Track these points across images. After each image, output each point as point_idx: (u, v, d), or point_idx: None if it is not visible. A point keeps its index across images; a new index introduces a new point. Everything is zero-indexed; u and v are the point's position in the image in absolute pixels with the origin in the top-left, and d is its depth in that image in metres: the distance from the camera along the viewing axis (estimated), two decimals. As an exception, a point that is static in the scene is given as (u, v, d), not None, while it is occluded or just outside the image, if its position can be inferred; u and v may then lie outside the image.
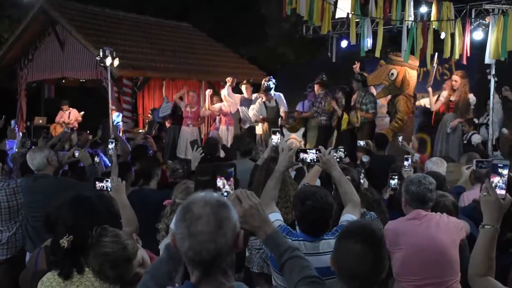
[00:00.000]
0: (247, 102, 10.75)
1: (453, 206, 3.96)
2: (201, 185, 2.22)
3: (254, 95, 10.60)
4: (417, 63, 9.60)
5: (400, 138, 7.28)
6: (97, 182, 3.85)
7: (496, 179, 2.29)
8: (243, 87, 10.90)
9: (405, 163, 5.36)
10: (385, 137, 7.45)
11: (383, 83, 9.73)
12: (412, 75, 9.53)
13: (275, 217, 3.09)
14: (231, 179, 2.32)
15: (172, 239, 1.76)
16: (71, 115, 13.80)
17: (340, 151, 4.13)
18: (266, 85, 10.13)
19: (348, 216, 3.10)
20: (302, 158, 3.40)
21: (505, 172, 2.29)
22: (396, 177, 5.01)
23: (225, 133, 10.87)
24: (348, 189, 3.25)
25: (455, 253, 3.45)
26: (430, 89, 9.83)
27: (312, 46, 14.99)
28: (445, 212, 3.71)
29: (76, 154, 5.55)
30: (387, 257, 2.18)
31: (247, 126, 10.72)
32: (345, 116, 10.05)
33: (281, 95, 10.52)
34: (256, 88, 11.07)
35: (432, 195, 3.60)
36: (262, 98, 10.27)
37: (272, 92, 10.28)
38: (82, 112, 14.07)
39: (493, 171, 2.32)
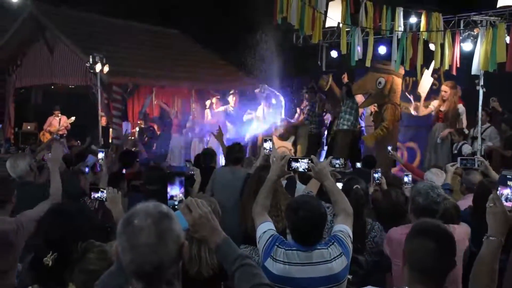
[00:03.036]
0: (231, 116, 11.03)
1: (454, 210, 3.91)
2: (150, 194, 2.17)
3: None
4: (403, 72, 9.66)
5: (389, 148, 7.33)
6: (92, 192, 3.78)
7: (505, 191, 2.28)
8: (230, 98, 11.08)
9: (406, 179, 5.35)
10: (373, 158, 7.51)
11: (370, 91, 9.77)
12: (398, 83, 9.60)
13: (268, 226, 3.09)
14: (182, 187, 2.29)
15: (115, 252, 1.75)
16: (61, 121, 13.70)
17: (341, 159, 4.15)
18: (265, 95, 10.71)
19: (341, 226, 3.10)
20: (294, 167, 3.39)
21: None
22: (379, 171, 5.08)
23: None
24: (340, 199, 3.24)
25: (459, 266, 3.35)
26: (422, 94, 9.91)
27: (301, 54, 15.01)
28: (448, 217, 3.65)
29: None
30: (455, 254, 2.26)
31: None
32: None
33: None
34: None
35: (439, 207, 3.50)
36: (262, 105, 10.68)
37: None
38: (73, 118, 13.94)
39: (501, 183, 2.30)
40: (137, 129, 13.78)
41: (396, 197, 4.37)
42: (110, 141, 12.96)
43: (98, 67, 11.01)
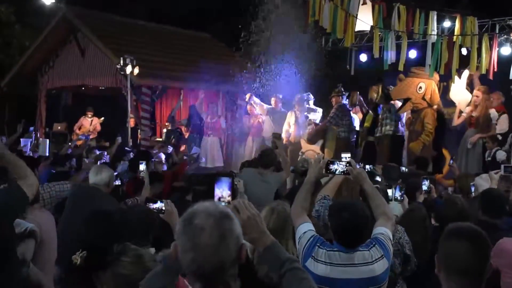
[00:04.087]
0: (272, 113, 11.26)
1: None
2: (199, 195, 2.12)
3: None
4: (438, 77, 9.56)
5: (451, 161, 7.45)
6: (148, 203, 3.68)
7: None
8: (272, 100, 11.49)
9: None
10: (426, 160, 7.76)
11: (410, 96, 9.66)
12: (436, 88, 9.52)
13: (308, 227, 3.09)
14: (229, 189, 2.24)
15: (173, 250, 1.75)
16: (92, 123, 13.87)
17: (360, 163, 4.12)
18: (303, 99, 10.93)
19: (382, 229, 3.08)
20: (332, 170, 3.36)
21: None
22: (428, 180, 5.06)
23: (250, 145, 11.00)
24: (380, 202, 3.23)
25: None
26: (457, 103, 9.73)
27: (330, 58, 14.98)
28: None
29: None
30: (489, 255, 2.24)
31: (268, 135, 10.86)
32: (370, 114, 10.09)
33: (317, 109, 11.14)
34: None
35: None
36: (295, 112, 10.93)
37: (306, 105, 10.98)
38: (102, 118, 14.09)
39: None
40: (165, 131, 13.89)
41: (461, 205, 4.31)
42: (138, 142, 13.11)
43: (128, 68, 11.15)
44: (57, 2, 14.34)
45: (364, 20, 9.17)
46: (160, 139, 13.34)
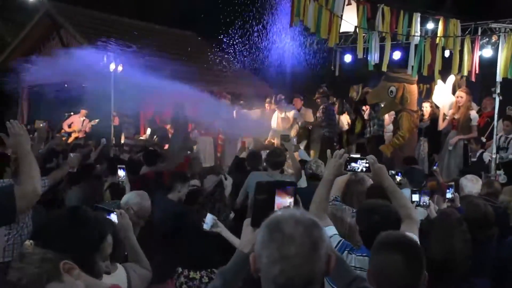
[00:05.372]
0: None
1: None
2: (260, 204, 1.92)
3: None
4: (416, 78, 9.53)
5: (435, 167, 7.78)
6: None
7: None
8: (266, 105, 11.86)
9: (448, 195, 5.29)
10: (415, 160, 8.14)
11: (383, 100, 9.70)
12: (411, 90, 9.48)
13: (333, 230, 2.93)
14: (292, 198, 2.01)
15: (253, 261, 1.60)
16: (84, 123, 13.64)
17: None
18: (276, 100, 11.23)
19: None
20: (353, 168, 3.10)
21: None
22: (453, 186, 4.89)
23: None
24: (403, 203, 2.99)
25: None
26: (441, 107, 9.76)
27: (314, 58, 15.01)
28: None
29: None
30: (424, 265, 2.10)
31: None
32: (359, 119, 10.16)
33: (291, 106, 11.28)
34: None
35: None
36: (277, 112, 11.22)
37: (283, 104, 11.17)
38: (97, 120, 13.71)
39: None
40: (149, 130, 13.77)
41: (485, 207, 4.20)
42: (122, 141, 12.98)
43: (111, 66, 11.06)
44: (40, -3, 14.17)
45: (349, 20, 9.15)
46: (143, 138, 13.24)
